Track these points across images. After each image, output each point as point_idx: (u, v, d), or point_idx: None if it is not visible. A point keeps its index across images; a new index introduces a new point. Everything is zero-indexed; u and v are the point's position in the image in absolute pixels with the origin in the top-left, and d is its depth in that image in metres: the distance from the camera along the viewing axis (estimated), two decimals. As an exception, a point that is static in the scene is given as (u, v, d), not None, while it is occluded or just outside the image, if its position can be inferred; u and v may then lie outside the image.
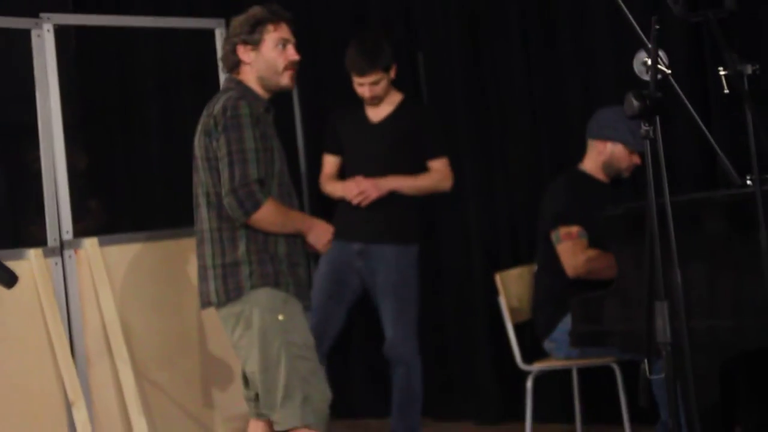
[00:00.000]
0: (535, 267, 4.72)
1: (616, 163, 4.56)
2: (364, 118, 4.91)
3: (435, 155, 4.89)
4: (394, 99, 4.91)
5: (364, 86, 4.81)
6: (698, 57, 4.72)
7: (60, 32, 4.63)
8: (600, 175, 4.62)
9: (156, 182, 6.35)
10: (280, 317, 3.62)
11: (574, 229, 4.44)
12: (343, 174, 4.97)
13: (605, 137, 4.54)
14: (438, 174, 4.88)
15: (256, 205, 3.56)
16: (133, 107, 6.41)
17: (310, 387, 3.61)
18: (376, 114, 4.91)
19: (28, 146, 5.40)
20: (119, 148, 6.46)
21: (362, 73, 4.78)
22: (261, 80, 3.77)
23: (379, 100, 4.86)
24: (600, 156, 4.59)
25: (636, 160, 4.53)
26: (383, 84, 4.83)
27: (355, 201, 4.76)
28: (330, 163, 5.02)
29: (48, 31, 4.58)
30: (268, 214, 3.59)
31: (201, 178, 3.72)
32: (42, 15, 4.58)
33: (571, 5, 5.12)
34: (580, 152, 4.71)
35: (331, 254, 4.61)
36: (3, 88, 5.83)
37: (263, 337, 3.60)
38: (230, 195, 3.56)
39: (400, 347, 4.83)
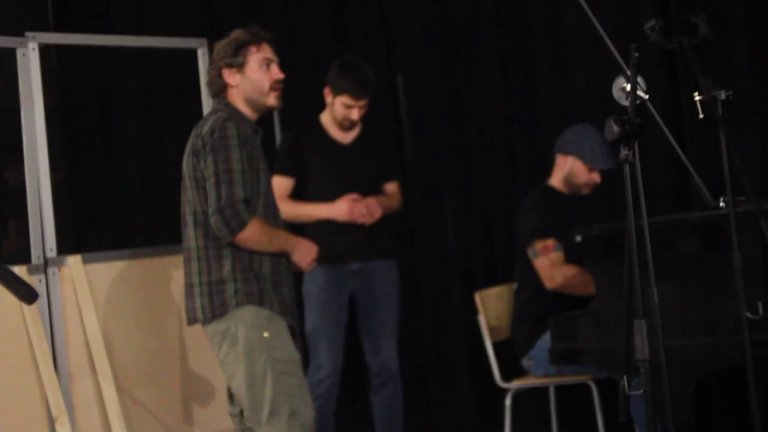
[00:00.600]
0: (514, 285, 4.78)
1: (575, 178, 4.65)
2: (332, 140, 4.86)
3: (392, 178, 4.95)
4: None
5: (353, 109, 4.78)
6: (672, 82, 4.81)
7: (43, 51, 4.68)
8: (565, 190, 4.72)
9: (137, 200, 6.38)
10: (265, 334, 3.68)
11: (550, 243, 4.52)
12: (298, 197, 4.81)
13: (565, 151, 4.65)
14: (397, 195, 4.94)
15: (242, 225, 3.63)
16: (115, 125, 6.44)
17: (297, 402, 3.68)
18: (344, 136, 4.88)
19: (7, 163, 5.45)
20: (101, 166, 6.47)
21: (359, 97, 4.77)
22: (248, 101, 3.84)
23: (357, 123, 4.86)
24: (561, 170, 4.70)
25: (595, 177, 4.63)
26: (364, 110, 4.85)
27: (361, 220, 4.68)
28: (284, 185, 4.77)
29: (33, 49, 4.62)
30: (254, 234, 3.66)
31: (189, 197, 3.78)
32: (27, 34, 4.62)
33: (547, 27, 5.19)
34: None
35: (325, 280, 4.68)
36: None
37: (249, 353, 3.66)
38: (216, 214, 3.63)
39: (393, 362, 4.87)
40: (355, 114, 4.79)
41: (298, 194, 4.81)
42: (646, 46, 3.41)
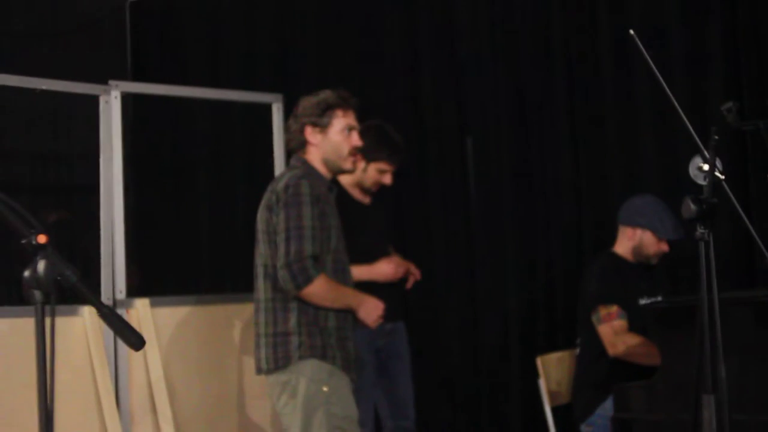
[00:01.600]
0: (576, 351, 4.79)
1: (645, 250, 4.68)
2: (355, 200, 4.81)
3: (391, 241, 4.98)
4: None
5: (387, 174, 4.75)
6: (743, 163, 4.85)
7: (123, 98, 4.81)
8: (630, 258, 4.74)
9: (204, 248, 6.47)
10: (325, 388, 3.74)
11: (614, 309, 4.54)
12: None
13: (635, 224, 4.68)
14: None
15: (309, 280, 3.70)
16: (186, 175, 6.55)
17: None
18: (362, 196, 4.83)
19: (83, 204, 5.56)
20: (172, 213, 6.58)
21: (396, 164, 4.78)
22: (326, 162, 3.94)
23: None
24: (630, 242, 4.72)
25: (664, 247, 4.67)
26: None
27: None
28: None
29: (115, 97, 4.77)
30: (320, 290, 3.73)
31: (260, 250, 3.86)
32: (111, 82, 4.77)
33: (619, 97, 5.24)
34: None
35: (364, 340, 4.57)
36: (65, 149, 6.02)
37: (306, 406, 3.72)
38: (284, 268, 3.71)
39: (412, 420, 4.87)
40: (388, 179, 4.77)
41: None
42: (717, 125, 3.46)
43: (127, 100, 5.76)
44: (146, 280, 5.98)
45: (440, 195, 5.79)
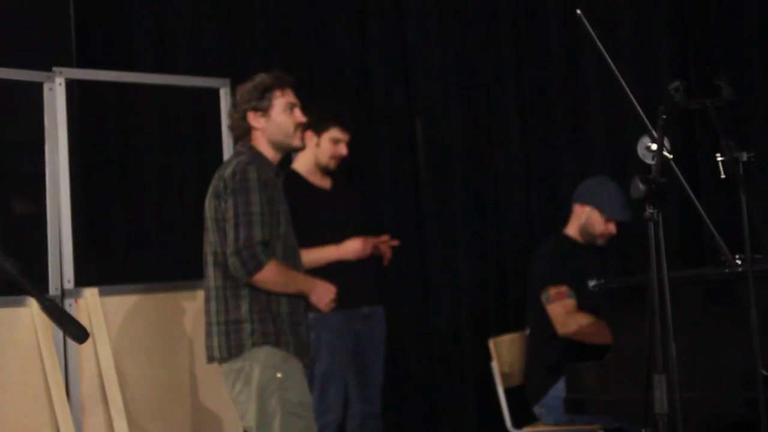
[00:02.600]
0: (527, 332, 4.82)
1: (591, 228, 4.70)
2: (315, 187, 4.81)
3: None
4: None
5: (341, 144, 4.77)
6: (690, 141, 4.89)
7: (68, 85, 4.74)
8: (580, 239, 4.77)
9: (154, 235, 6.42)
10: (279, 375, 3.72)
11: (563, 289, 4.56)
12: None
13: (583, 201, 4.71)
14: None
15: (259, 266, 3.67)
16: (134, 161, 6.49)
17: None
18: (322, 182, 4.83)
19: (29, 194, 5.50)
20: (119, 201, 6.52)
21: (348, 127, 4.78)
22: (273, 144, 3.91)
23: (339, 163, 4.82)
24: (578, 220, 4.74)
25: (611, 228, 4.69)
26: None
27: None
28: None
29: (60, 84, 4.69)
30: (271, 275, 3.71)
31: (210, 237, 3.83)
32: (54, 69, 4.69)
33: (567, 80, 5.27)
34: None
35: (338, 324, 4.66)
36: (10, 138, 5.93)
37: (261, 393, 3.70)
38: (234, 255, 3.68)
39: (379, 402, 4.91)
40: (343, 149, 4.77)
41: None
42: (666, 105, 3.48)
43: (73, 87, 5.71)
44: (96, 270, 5.93)
45: (390, 177, 5.79)
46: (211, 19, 6.36)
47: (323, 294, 3.88)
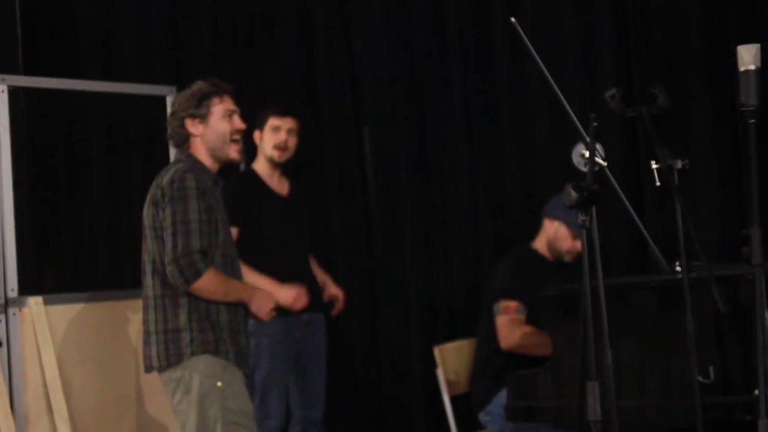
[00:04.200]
0: (475, 340, 4.82)
1: (558, 244, 4.65)
2: (271, 191, 4.87)
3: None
4: (282, 173, 4.95)
5: (281, 132, 4.82)
6: (633, 148, 4.92)
7: (11, 93, 4.71)
8: (547, 254, 4.74)
9: (100, 244, 6.37)
10: (219, 383, 3.69)
11: (513, 304, 4.55)
12: (240, 247, 4.46)
13: (553, 216, 4.64)
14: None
15: (197, 274, 3.65)
16: (81, 169, 6.44)
17: None
18: (280, 187, 4.90)
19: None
20: (65, 209, 6.48)
21: (283, 113, 4.84)
22: (210, 151, 3.89)
23: (288, 157, 4.85)
24: (546, 234, 4.70)
25: (578, 245, 4.60)
26: (295, 139, 4.88)
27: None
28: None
29: (2, 91, 4.65)
30: (209, 284, 3.68)
31: (148, 245, 3.81)
32: (-4, 76, 4.66)
33: (513, 88, 5.28)
34: (518, 233, 4.87)
35: (278, 331, 4.67)
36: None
37: (201, 402, 3.67)
38: (172, 264, 3.65)
39: (321, 412, 4.92)
40: (283, 135, 4.82)
41: (239, 244, 4.59)
42: (609, 113, 3.51)
43: (19, 94, 5.67)
44: (40, 278, 5.88)
45: (338, 185, 5.79)
46: (158, 26, 6.33)
47: (263, 302, 3.85)
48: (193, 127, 3.88)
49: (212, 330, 3.72)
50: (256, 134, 4.89)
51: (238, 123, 3.92)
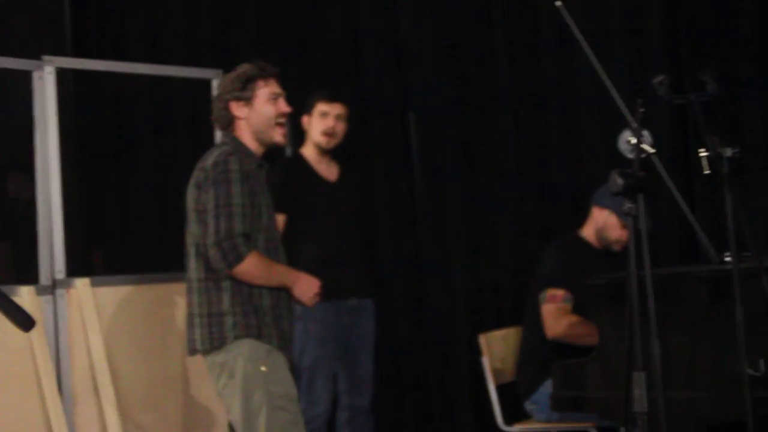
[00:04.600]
0: (521, 328, 4.79)
1: (608, 233, 4.59)
2: (320, 176, 4.87)
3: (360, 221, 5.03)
4: (332, 158, 4.94)
5: (329, 117, 4.82)
6: (683, 137, 4.85)
7: (59, 74, 4.73)
8: (595, 242, 4.68)
9: (148, 226, 6.40)
10: (263, 368, 3.68)
11: (560, 293, 4.50)
12: (287, 233, 4.63)
13: (602, 205, 4.58)
14: None
15: (239, 258, 3.63)
16: (129, 151, 6.48)
17: None
18: (329, 173, 4.89)
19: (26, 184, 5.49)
20: (113, 191, 6.52)
21: (332, 98, 4.83)
22: (255, 134, 3.86)
23: (336, 143, 4.84)
24: (594, 223, 4.64)
25: (626, 234, 4.56)
26: (343, 125, 4.87)
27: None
28: (279, 222, 4.55)
29: (49, 73, 4.67)
30: (251, 267, 3.66)
31: (191, 228, 3.80)
32: (44, 57, 4.67)
33: (560, 74, 5.22)
34: (564, 220, 4.82)
35: (325, 316, 4.67)
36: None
37: (245, 386, 3.66)
38: (214, 247, 3.64)
39: (369, 399, 4.91)
40: (331, 121, 4.81)
41: (287, 230, 4.72)
42: (659, 100, 3.46)
43: (67, 76, 5.71)
44: (89, 260, 5.93)
45: (384, 171, 5.76)
46: (205, 9, 6.34)
47: (306, 288, 3.83)
48: (237, 109, 3.86)
49: (255, 314, 3.71)
50: (305, 119, 4.89)
51: (284, 106, 3.90)
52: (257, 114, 3.86)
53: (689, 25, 4.87)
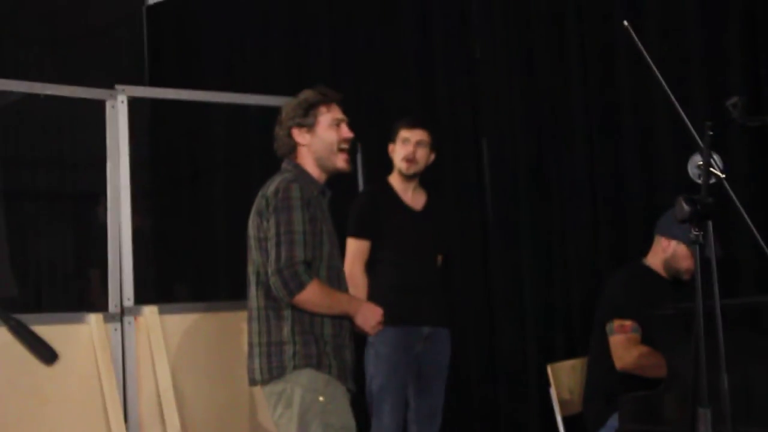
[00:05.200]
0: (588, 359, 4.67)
1: (677, 263, 4.45)
2: (405, 205, 4.89)
3: (444, 251, 5.06)
4: (419, 186, 4.97)
5: (410, 144, 4.84)
6: (762, 161, 4.68)
7: (135, 103, 4.76)
8: (662, 272, 4.56)
9: (220, 254, 6.42)
10: (321, 398, 3.61)
11: (628, 323, 4.38)
12: (373, 261, 4.81)
13: (670, 235, 4.44)
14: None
15: (301, 286, 3.58)
16: (202, 179, 6.52)
17: None
18: (414, 201, 4.92)
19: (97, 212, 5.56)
20: (186, 218, 6.55)
21: (413, 125, 4.86)
22: (318, 161, 3.82)
23: (417, 169, 4.87)
24: (663, 253, 4.51)
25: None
26: (425, 151, 4.88)
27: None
28: (362, 247, 4.79)
29: (122, 102, 4.72)
30: (313, 296, 3.60)
31: (252, 256, 3.77)
32: (117, 87, 4.73)
33: (635, 99, 5.11)
34: (638, 247, 4.68)
35: (398, 341, 4.66)
36: (73, 155, 6.01)
37: (302, 417, 3.60)
38: (276, 275, 3.59)
39: (437, 428, 4.86)
40: (411, 147, 4.83)
41: (371, 256, 4.83)
42: (736, 123, 3.32)
43: (143, 105, 5.77)
44: (160, 287, 5.95)
45: (456, 197, 5.69)
46: (279, 37, 6.36)
47: (369, 316, 3.76)
48: (299, 136, 3.83)
49: (315, 343, 3.65)
50: (390, 147, 4.94)
51: (346, 132, 3.85)
52: (319, 140, 3.82)
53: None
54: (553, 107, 5.39)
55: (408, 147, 4.83)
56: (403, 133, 4.85)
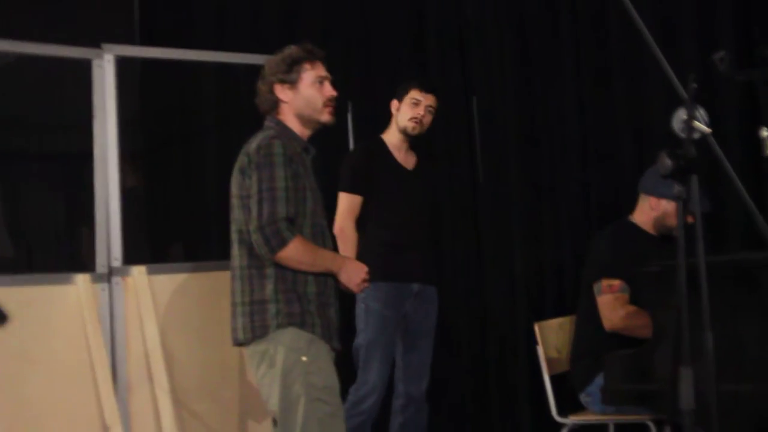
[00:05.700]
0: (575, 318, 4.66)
1: (668, 221, 4.45)
2: (398, 164, 4.90)
3: (434, 210, 5.07)
4: (410, 147, 4.97)
5: (420, 107, 4.84)
6: (753, 116, 4.64)
7: (124, 62, 4.70)
8: (650, 229, 4.54)
9: (209, 214, 6.39)
10: (304, 358, 3.58)
11: (616, 283, 4.36)
12: (363, 217, 4.84)
13: (658, 194, 4.44)
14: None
15: (283, 243, 3.53)
16: (192, 139, 6.48)
17: (327, 430, 3.57)
18: (406, 161, 4.93)
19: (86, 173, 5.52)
20: (176, 178, 6.53)
21: (426, 88, 4.86)
22: (300, 118, 3.77)
23: (420, 131, 4.87)
24: (652, 212, 4.49)
25: (689, 219, 4.39)
26: (430, 117, 4.90)
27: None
28: (354, 202, 4.81)
29: (108, 62, 4.66)
30: (296, 252, 3.56)
31: (235, 215, 3.73)
32: (104, 46, 4.66)
33: (625, 54, 5.08)
34: (630, 206, 4.66)
35: (389, 296, 4.68)
36: (62, 116, 5.96)
37: (285, 376, 3.57)
38: (257, 232, 3.55)
39: (424, 387, 4.86)
40: (421, 110, 4.83)
41: (362, 213, 4.84)
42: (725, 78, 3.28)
43: (134, 63, 5.71)
44: (150, 248, 5.92)
45: (446, 156, 5.68)
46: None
47: (353, 273, 3.71)
48: (282, 92, 3.77)
49: (299, 302, 3.61)
50: (394, 104, 4.91)
51: (330, 90, 3.79)
52: (302, 97, 3.76)
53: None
54: (542, 65, 5.37)
55: (418, 109, 4.83)
56: (415, 94, 4.84)
